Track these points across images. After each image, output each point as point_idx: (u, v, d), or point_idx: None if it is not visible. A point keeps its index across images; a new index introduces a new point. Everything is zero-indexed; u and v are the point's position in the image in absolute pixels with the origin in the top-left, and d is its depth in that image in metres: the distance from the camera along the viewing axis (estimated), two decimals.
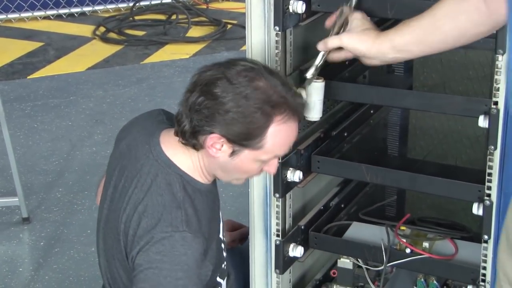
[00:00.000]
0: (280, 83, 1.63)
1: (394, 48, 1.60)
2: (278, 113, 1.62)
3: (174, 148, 1.71)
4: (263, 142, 1.63)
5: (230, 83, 1.60)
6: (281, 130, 1.63)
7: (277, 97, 1.61)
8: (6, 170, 3.53)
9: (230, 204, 3.35)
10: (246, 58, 1.70)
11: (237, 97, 1.59)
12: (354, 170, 1.91)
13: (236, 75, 1.61)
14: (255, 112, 1.59)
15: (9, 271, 2.97)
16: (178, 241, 1.61)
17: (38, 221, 3.27)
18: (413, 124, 2.46)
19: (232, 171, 1.70)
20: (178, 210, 1.64)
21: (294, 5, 1.75)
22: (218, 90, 1.60)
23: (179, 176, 1.69)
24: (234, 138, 1.62)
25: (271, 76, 1.63)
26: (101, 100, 4.47)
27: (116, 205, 1.74)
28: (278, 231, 1.94)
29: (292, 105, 1.63)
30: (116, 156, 1.81)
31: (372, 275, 2.05)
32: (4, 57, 5.04)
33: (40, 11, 5.74)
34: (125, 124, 1.88)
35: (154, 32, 5.55)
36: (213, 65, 1.66)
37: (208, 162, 1.69)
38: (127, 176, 1.73)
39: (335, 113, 2.13)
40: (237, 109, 1.59)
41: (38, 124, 4.17)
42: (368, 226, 2.06)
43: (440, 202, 2.32)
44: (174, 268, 1.60)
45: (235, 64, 1.63)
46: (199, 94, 1.62)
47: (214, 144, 1.64)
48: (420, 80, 2.39)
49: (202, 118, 1.61)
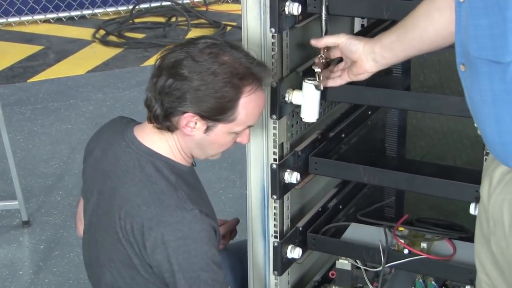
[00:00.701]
0: (244, 55, 1.68)
1: (382, 46, 1.66)
2: (247, 84, 1.67)
3: (150, 137, 1.74)
4: (235, 114, 1.68)
5: (195, 62, 1.63)
6: (251, 100, 1.68)
7: (243, 69, 1.66)
8: (6, 174, 3.54)
9: (230, 206, 3.35)
10: (206, 36, 1.73)
11: (204, 75, 1.63)
12: (352, 171, 1.91)
13: (200, 53, 1.65)
14: (224, 86, 1.64)
15: (9, 274, 2.97)
16: (191, 220, 1.65)
17: (38, 224, 3.27)
18: (412, 124, 2.46)
19: (208, 146, 1.74)
20: (177, 192, 1.68)
21: (290, 7, 1.76)
22: (185, 70, 1.64)
23: (163, 162, 1.73)
24: (207, 114, 1.66)
25: (234, 49, 1.68)
26: (101, 103, 4.48)
27: (107, 207, 1.74)
28: (276, 233, 1.94)
29: (258, 74, 1.69)
30: (91, 165, 1.83)
31: (370, 276, 2.05)
32: (4, 60, 5.05)
33: (40, 14, 5.74)
34: (91, 137, 1.91)
35: (154, 35, 5.56)
36: (175, 46, 1.70)
37: (185, 142, 1.73)
38: (111, 177, 1.75)
39: (332, 114, 2.13)
40: (207, 86, 1.63)
41: (38, 127, 4.17)
42: (366, 227, 2.06)
43: (439, 203, 2.31)
44: (199, 244, 1.66)
45: (196, 42, 1.67)
46: (166, 77, 1.65)
47: (188, 123, 1.68)
48: (418, 80, 2.39)
49: (173, 99, 1.65)
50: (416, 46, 1.62)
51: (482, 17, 1.30)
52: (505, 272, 1.44)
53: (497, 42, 1.29)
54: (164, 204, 1.66)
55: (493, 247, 1.45)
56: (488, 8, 1.28)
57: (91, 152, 1.85)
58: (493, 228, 1.45)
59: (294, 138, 1.96)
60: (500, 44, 1.28)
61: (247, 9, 1.78)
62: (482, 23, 1.31)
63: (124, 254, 1.72)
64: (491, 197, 1.44)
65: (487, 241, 1.47)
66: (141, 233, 1.67)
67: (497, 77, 1.31)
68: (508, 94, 1.31)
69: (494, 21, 1.28)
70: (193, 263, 1.66)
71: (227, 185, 3.53)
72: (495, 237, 1.44)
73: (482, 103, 1.36)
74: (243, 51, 1.70)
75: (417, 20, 1.59)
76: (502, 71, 1.30)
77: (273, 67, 1.80)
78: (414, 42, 1.61)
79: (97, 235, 1.79)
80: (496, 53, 1.30)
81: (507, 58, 1.28)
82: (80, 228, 1.94)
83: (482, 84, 1.35)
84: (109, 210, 1.74)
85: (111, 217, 1.72)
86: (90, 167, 1.84)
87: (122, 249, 1.72)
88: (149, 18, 5.85)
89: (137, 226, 1.67)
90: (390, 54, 1.66)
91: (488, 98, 1.34)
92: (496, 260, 1.45)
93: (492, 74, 1.32)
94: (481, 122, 1.39)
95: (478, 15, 1.31)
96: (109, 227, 1.73)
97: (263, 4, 1.75)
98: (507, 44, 1.27)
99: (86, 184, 1.85)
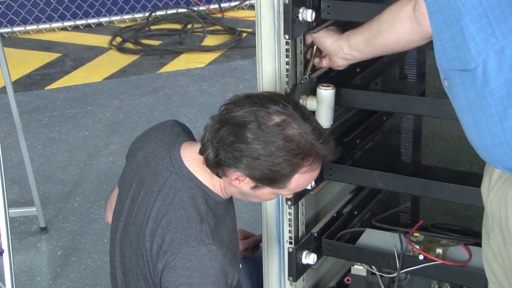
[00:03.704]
0: (311, 129, 1.61)
1: (350, 46, 1.74)
2: (306, 163, 1.62)
3: (196, 164, 1.71)
4: (286, 184, 1.65)
5: (261, 130, 1.58)
6: (305, 176, 1.65)
7: (308, 148, 1.61)
8: (24, 181, 3.57)
9: (245, 212, 3.36)
10: (280, 96, 1.67)
11: (267, 146, 1.59)
12: (366, 177, 1.91)
13: (268, 120, 1.59)
14: (283, 162, 1.60)
15: (27, 280, 2.99)
16: (204, 254, 1.62)
17: (55, 231, 3.30)
18: (428, 130, 2.45)
19: (251, 198, 1.72)
20: (202, 224, 1.65)
21: (304, 14, 1.76)
22: (249, 135, 1.59)
23: (200, 190, 1.70)
24: (258, 179, 1.64)
25: (303, 121, 1.61)
26: (118, 110, 4.50)
27: (136, 218, 1.73)
28: (291, 239, 1.94)
29: (321, 153, 1.63)
30: (132, 167, 1.81)
31: (386, 282, 2.05)
32: (22, 68, 5.10)
33: (57, 22, 5.79)
34: (139, 135, 1.88)
35: (170, 42, 5.59)
36: (245, 99, 1.64)
37: (229, 187, 1.71)
38: (146, 189, 1.73)
39: (347, 120, 2.13)
40: (266, 158, 1.59)
41: (56, 134, 4.20)
42: (382, 233, 2.06)
43: (456, 208, 2.30)
44: (204, 281, 1.62)
45: (267, 105, 1.61)
46: (229, 133, 1.60)
47: (238, 178, 1.65)
48: (434, 86, 2.38)
49: (229, 157, 1.61)
50: (381, 49, 1.72)
51: (444, 30, 1.39)
52: (505, 268, 1.46)
53: (461, 51, 1.36)
54: (186, 233, 1.64)
55: (492, 243, 1.48)
56: (447, 21, 1.37)
57: (135, 154, 1.83)
58: (491, 225, 1.49)
59: None
60: (464, 52, 1.36)
61: (261, 16, 1.79)
62: (446, 36, 1.39)
63: (142, 270, 1.72)
64: (489, 194, 1.49)
65: (489, 239, 1.49)
66: (156, 254, 1.66)
67: (468, 85, 1.37)
68: (480, 99, 1.36)
69: (454, 32, 1.36)
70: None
71: None
72: (493, 233, 1.48)
73: (462, 112, 1.44)
74: (312, 123, 1.62)
75: (381, 26, 1.66)
76: (471, 78, 1.36)
77: (287, 74, 1.81)
78: (378, 46, 1.70)
79: (123, 242, 1.78)
80: (462, 61, 1.37)
81: (472, 64, 1.35)
82: (109, 215, 1.91)
83: (458, 93, 1.42)
84: (137, 222, 1.73)
85: (138, 231, 1.72)
86: (130, 169, 1.82)
87: (142, 265, 1.72)
88: (165, 25, 5.88)
89: (156, 246, 1.66)
90: (358, 54, 1.75)
91: (465, 106, 1.41)
92: (495, 256, 1.47)
93: (464, 83, 1.38)
94: (466, 130, 1.45)
95: (441, 30, 1.40)
96: (134, 240, 1.73)
97: (276, 11, 1.76)
98: (469, 51, 1.34)
99: (124, 182, 1.83)
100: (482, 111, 1.36)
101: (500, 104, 1.33)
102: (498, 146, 1.37)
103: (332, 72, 1.91)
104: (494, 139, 1.37)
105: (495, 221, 1.46)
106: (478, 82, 1.35)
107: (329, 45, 1.78)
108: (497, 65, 1.32)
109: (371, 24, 1.69)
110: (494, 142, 1.37)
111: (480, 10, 1.31)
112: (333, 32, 1.80)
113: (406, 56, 2.31)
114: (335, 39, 1.78)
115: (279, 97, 1.64)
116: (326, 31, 1.81)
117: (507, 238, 1.43)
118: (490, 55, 1.32)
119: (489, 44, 1.32)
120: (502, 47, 1.31)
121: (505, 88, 1.32)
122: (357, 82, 2.01)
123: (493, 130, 1.36)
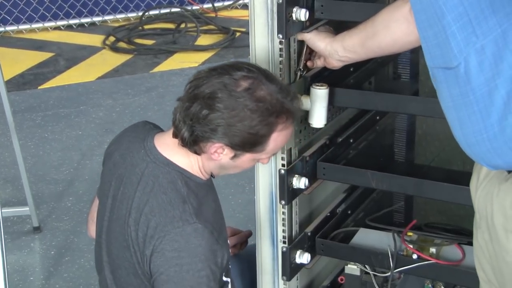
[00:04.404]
0: (279, 89, 1.66)
1: (344, 48, 1.74)
2: (281, 121, 1.67)
3: (170, 149, 1.74)
4: (265, 146, 1.68)
5: (231, 96, 1.62)
6: (282, 134, 1.69)
7: (280, 106, 1.65)
8: (17, 180, 3.56)
9: (239, 212, 3.36)
10: (242, 62, 1.71)
11: (242, 111, 1.62)
12: (360, 176, 1.91)
13: (236, 86, 1.63)
14: (259, 124, 1.63)
15: (20, 280, 2.98)
16: (191, 233, 1.64)
17: (48, 230, 3.29)
18: (421, 129, 2.45)
19: (231, 169, 1.76)
20: (185, 205, 1.67)
21: (297, 13, 1.76)
22: (220, 104, 1.62)
23: (179, 173, 1.72)
24: (237, 146, 1.66)
25: (269, 82, 1.66)
26: (111, 109, 4.50)
27: (118, 213, 1.75)
28: (284, 238, 1.94)
29: (291, 110, 1.68)
30: (109, 168, 1.83)
31: (379, 281, 2.05)
32: (15, 67, 5.08)
33: (50, 21, 5.78)
34: (113, 139, 1.91)
35: (163, 41, 5.58)
36: (209, 72, 1.68)
37: (207, 163, 1.73)
38: (126, 183, 1.75)
39: (340, 120, 2.13)
40: (242, 123, 1.63)
41: (49, 134, 4.19)
42: (375, 232, 2.06)
43: (449, 208, 2.31)
44: (194, 260, 1.64)
45: (232, 73, 1.65)
46: (201, 106, 1.64)
47: (217, 150, 1.68)
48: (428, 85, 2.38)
49: (205, 130, 1.64)
50: (376, 51, 1.72)
51: (428, 29, 1.40)
52: (492, 264, 1.47)
53: (443, 49, 1.37)
54: (170, 215, 1.66)
55: (479, 240, 1.50)
56: (430, 20, 1.38)
57: (110, 156, 1.85)
58: (479, 221, 1.50)
59: (302, 143, 1.97)
60: (446, 50, 1.37)
61: (255, 15, 1.79)
62: (429, 34, 1.40)
63: (130, 262, 1.73)
64: (477, 192, 1.50)
65: (477, 235, 1.51)
66: (143, 241, 1.67)
67: (452, 83, 1.38)
68: (463, 97, 1.37)
69: (436, 30, 1.37)
70: (183, 278, 1.64)
71: (236, 190, 3.54)
72: (480, 230, 1.50)
73: (447, 109, 1.45)
74: (278, 84, 1.68)
75: (377, 28, 1.66)
76: (454, 75, 1.37)
77: (281, 73, 1.81)
78: (373, 48, 1.70)
79: (108, 240, 1.79)
80: (445, 59, 1.38)
81: (454, 62, 1.36)
82: (92, 228, 1.94)
83: (443, 91, 1.43)
84: (120, 216, 1.74)
85: (121, 224, 1.73)
86: (108, 171, 1.84)
87: (129, 257, 1.72)
88: (159, 25, 5.87)
89: (141, 234, 1.68)
90: (354, 55, 1.75)
91: (450, 103, 1.42)
92: (484, 253, 1.48)
93: (447, 81, 1.39)
94: (451, 127, 1.46)
95: (424, 28, 1.42)
96: (119, 234, 1.74)
97: (270, 10, 1.76)
98: (451, 49, 1.35)
99: (103, 187, 1.86)
100: (465, 109, 1.38)
101: (481, 102, 1.35)
102: (481, 144, 1.38)
103: (326, 71, 1.91)
104: (477, 136, 1.38)
105: (482, 217, 1.48)
106: (461, 80, 1.36)
107: (322, 48, 1.78)
108: (478, 63, 1.33)
109: (366, 25, 1.69)
110: (477, 140, 1.38)
111: (461, 9, 1.32)
112: (325, 35, 1.79)
113: (400, 56, 2.31)
114: (328, 42, 1.77)
115: (241, 63, 1.69)
116: (317, 34, 1.80)
117: (493, 234, 1.44)
118: (471, 53, 1.33)
119: (470, 43, 1.33)
120: (482, 46, 1.32)
121: (486, 87, 1.33)
122: (351, 82, 2.01)
123: (475, 128, 1.37)
